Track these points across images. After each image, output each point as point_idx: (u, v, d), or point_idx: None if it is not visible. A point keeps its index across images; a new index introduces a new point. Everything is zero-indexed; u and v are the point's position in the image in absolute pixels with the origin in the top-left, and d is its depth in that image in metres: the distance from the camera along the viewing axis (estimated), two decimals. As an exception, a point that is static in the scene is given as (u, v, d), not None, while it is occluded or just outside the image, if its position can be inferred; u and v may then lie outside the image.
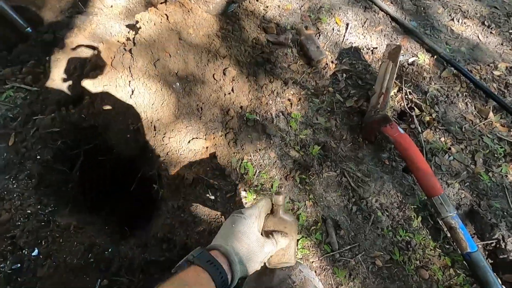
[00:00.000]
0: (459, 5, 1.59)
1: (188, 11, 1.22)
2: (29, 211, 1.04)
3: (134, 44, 1.10)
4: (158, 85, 1.11)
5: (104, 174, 1.29)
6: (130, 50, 1.11)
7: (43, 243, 0.99)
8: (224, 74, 1.21)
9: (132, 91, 1.12)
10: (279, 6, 1.51)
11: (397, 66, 1.20)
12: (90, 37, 1.34)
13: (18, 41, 1.50)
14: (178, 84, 1.13)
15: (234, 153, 1.15)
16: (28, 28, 1.55)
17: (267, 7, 1.49)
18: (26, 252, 0.97)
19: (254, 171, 1.13)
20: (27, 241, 0.98)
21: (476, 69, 1.38)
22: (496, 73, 1.37)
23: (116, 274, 0.96)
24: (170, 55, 1.12)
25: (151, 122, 1.12)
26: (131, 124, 1.14)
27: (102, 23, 1.39)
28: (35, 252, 0.97)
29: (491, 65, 1.40)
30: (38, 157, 1.15)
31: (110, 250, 0.99)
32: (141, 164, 1.19)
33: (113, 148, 1.19)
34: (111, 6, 1.52)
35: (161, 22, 1.14)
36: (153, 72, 1.11)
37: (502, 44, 1.47)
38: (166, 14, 1.16)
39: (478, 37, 1.49)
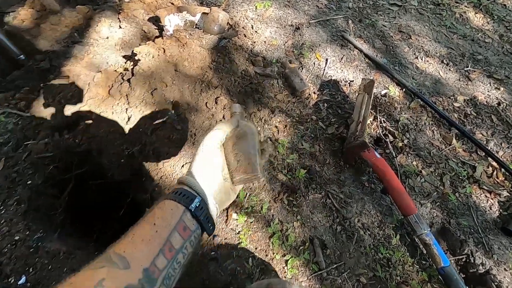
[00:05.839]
0: (421, 46, 1.81)
1: (183, 45, 1.32)
2: (17, 237, 1.02)
3: (133, 74, 1.18)
4: (155, 113, 1.18)
5: (94, 199, 1.29)
6: (128, 80, 1.18)
7: (31, 270, 0.97)
8: (216, 102, 1.31)
9: (129, 118, 1.18)
10: (265, 42, 1.66)
11: (372, 98, 1.35)
12: (87, 66, 1.40)
13: (11, 68, 1.53)
14: (173, 112, 1.20)
15: (225, 176, 1.21)
16: (21, 56, 1.59)
17: (254, 42, 1.64)
18: (12, 280, 0.95)
19: (245, 194, 1.19)
20: (14, 267, 0.96)
21: (439, 100, 1.57)
22: (456, 104, 1.56)
23: (108, 300, 0.95)
24: (166, 85, 1.20)
25: (146, 147, 1.17)
26: (126, 149, 1.18)
27: (99, 53, 1.46)
28: (23, 280, 0.95)
29: (451, 97, 1.59)
30: (29, 182, 1.15)
31: (101, 275, 0.98)
32: (134, 188, 1.21)
33: (105, 173, 1.21)
34: (107, 38, 1.60)
35: (158, 55, 1.23)
36: (150, 100, 1.18)
37: (459, 79, 1.68)
38: (163, 48, 1.26)
39: (439, 73, 1.70)
